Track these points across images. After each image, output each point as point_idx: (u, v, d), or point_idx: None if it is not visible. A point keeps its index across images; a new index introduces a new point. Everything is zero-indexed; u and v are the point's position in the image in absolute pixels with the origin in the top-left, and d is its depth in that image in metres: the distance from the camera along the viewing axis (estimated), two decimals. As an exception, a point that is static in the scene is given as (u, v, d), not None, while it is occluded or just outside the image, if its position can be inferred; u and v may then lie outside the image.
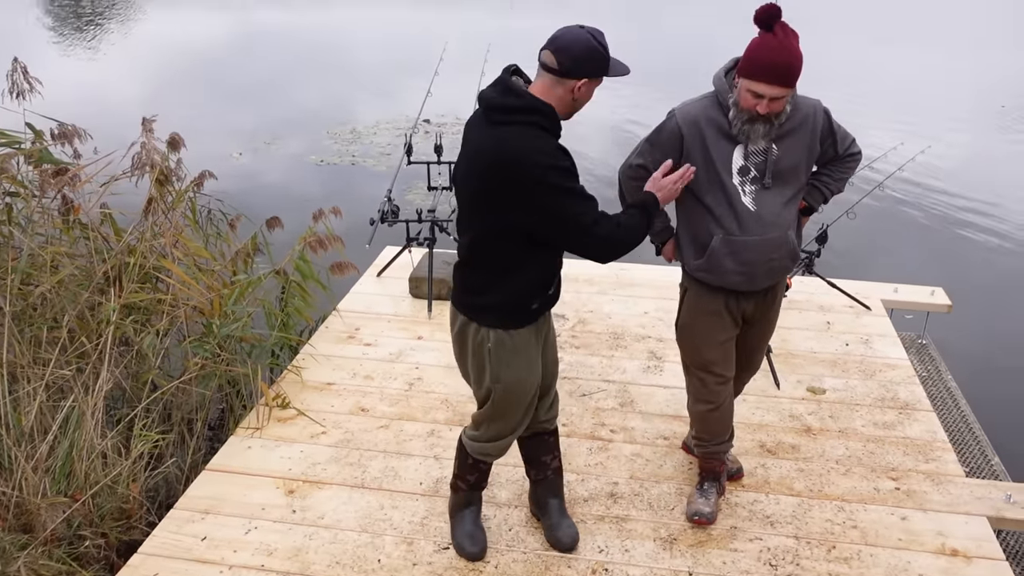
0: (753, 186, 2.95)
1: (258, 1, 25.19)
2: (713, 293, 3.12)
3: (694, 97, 3.01)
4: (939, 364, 5.22)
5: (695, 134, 2.93)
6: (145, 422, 3.67)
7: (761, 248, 2.98)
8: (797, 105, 2.93)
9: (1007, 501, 3.50)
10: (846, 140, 3.08)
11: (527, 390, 2.88)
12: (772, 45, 2.74)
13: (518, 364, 2.82)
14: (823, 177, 3.15)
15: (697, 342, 3.22)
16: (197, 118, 10.93)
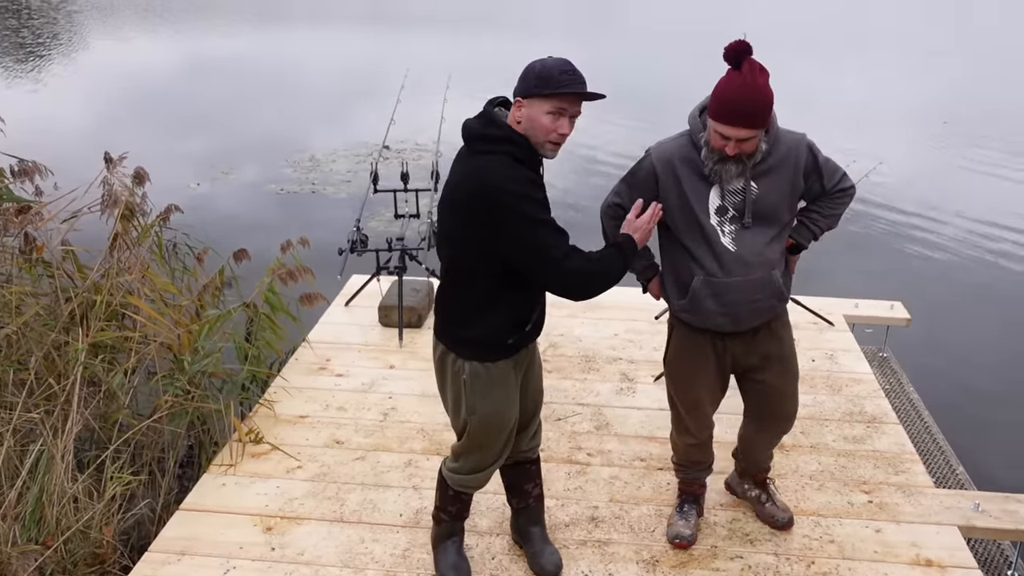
0: (733, 226, 2.88)
1: (204, 30, 24.99)
2: (698, 333, 3.06)
3: (671, 136, 2.97)
4: (900, 376, 5.34)
5: (669, 173, 2.89)
6: (117, 463, 3.60)
7: (744, 289, 2.90)
8: (779, 140, 2.87)
9: (975, 510, 3.58)
10: (835, 175, 2.98)
11: (504, 422, 2.87)
12: (737, 86, 2.67)
13: (495, 396, 2.81)
14: (812, 214, 3.06)
15: (682, 380, 3.20)
16: (150, 149, 10.79)
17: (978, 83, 18.27)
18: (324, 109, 14.51)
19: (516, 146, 2.59)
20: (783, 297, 3.01)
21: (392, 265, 5.22)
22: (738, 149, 2.75)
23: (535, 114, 2.54)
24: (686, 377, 3.18)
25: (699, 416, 3.24)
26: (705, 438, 3.32)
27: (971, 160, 11.85)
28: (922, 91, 17.26)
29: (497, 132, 2.59)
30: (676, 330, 3.17)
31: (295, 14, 29.45)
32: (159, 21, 26.74)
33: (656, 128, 13.24)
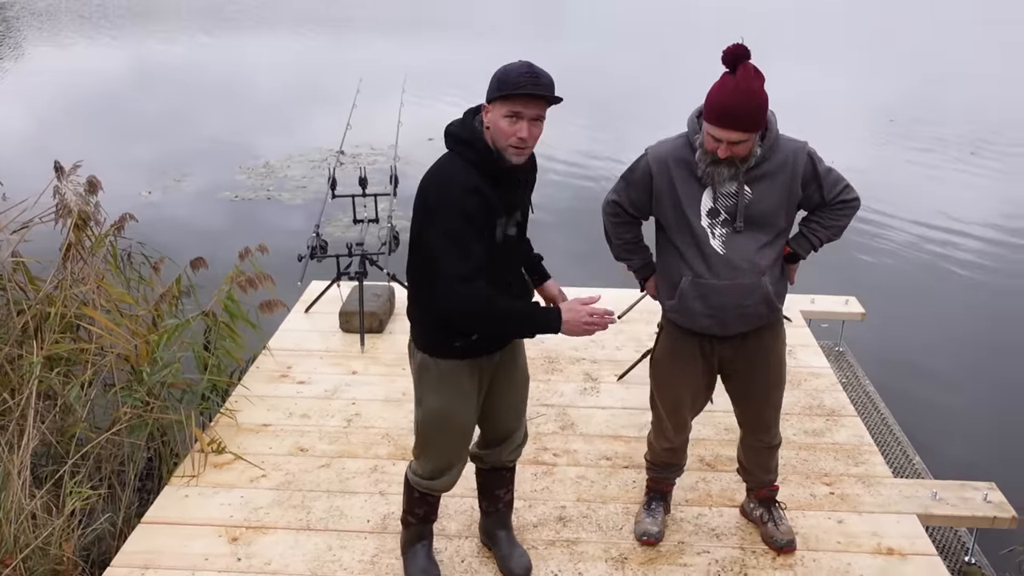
0: (724, 229, 2.86)
1: (144, 35, 24.58)
2: (687, 335, 3.05)
3: (670, 136, 2.97)
4: (856, 370, 5.45)
5: (664, 173, 2.90)
6: (76, 478, 3.53)
7: (731, 293, 2.88)
8: (778, 146, 2.85)
9: (933, 498, 3.67)
10: (836, 186, 2.92)
11: (449, 424, 2.83)
12: (730, 89, 2.67)
13: (442, 393, 2.79)
14: (811, 224, 3.01)
15: (666, 380, 3.20)
16: (97, 157, 10.57)
17: (924, 83, 18.70)
18: (276, 115, 14.38)
19: (471, 149, 2.57)
20: (773, 306, 2.95)
21: (352, 270, 5.19)
22: (730, 152, 2.74)
23: (496, 118, 2.52)
24: (670, 378, 3.18)
25: (678, 419, 3.24)
26: (680, 443, 3.33)
27: (918, 157, 12.13)
28: (869, 89, 17.64)
29: (460, 133, 2.59)
30: (665, 331, 3.17)
31: (239, 19, 29.14)
32: (98, 27, 26.26)
33: (609, 129, 13.38)
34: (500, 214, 2.61)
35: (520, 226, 2.76)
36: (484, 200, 2.55)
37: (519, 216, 2.73)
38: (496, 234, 2.61)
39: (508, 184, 2.62)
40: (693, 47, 23.19)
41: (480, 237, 2.55)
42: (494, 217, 2.60)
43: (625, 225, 3.12)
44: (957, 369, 6.08)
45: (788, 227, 2.97)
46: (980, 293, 7.53)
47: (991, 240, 8.92)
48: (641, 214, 3.07)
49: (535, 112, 2.52)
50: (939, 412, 5.43)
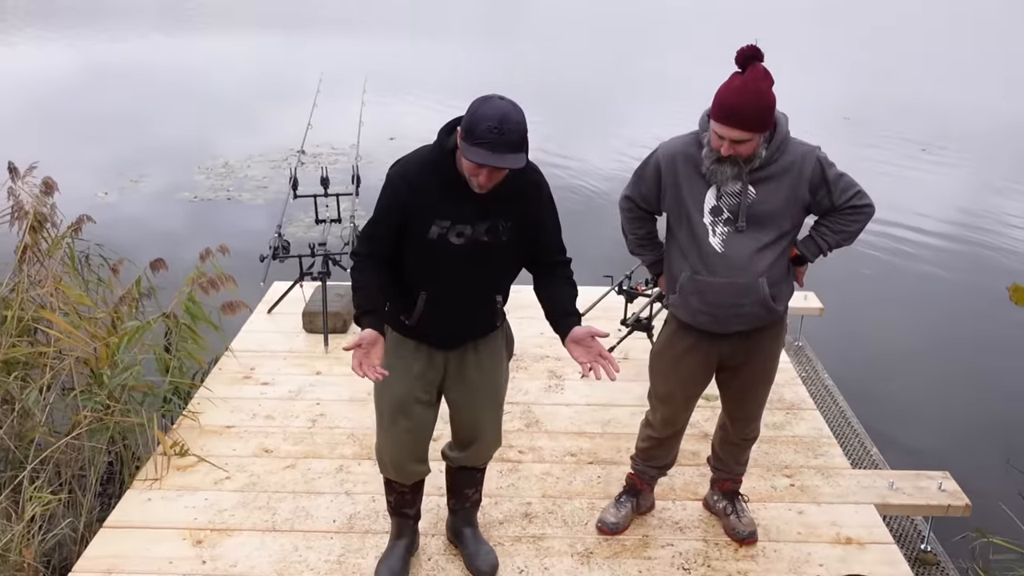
0: (726, 228, 2.87)
1: (94, 34, 24.14)
2: (687, 330, 3.07)
3: (682, 133, 2.98)
4: (815, 364, 5.55)
5: (671, 170, 2.92)
6: (36, 483, 3.48)
7: (727, 291, 2.89)
8: (787, 149, 2.85)
9: (890, 488, 3.76)
10: (847, 191, 2.89)
11: (386, 392, 2.86)
12: (736, 87, 2.69)
13: (387, 360, 2.80)
14: (821, 228, 3.00)
15: (662, 372, 3.23)
16: (51, 158, 10.41)
17: (878, 81, 19.05)
18: (234, 114, 14.23)
19: (439, 145, 2.60)
20: (770, 307, 2.95)
21: (315, 271, 5.16)
22: (733, 150, 2.74)
23: (462, 153, 2.49)
24: (666, 368, 3.21)
25: (668, 411, 3.27)
26: (666, 435, 3.35)
27: (873, 155, 12.37)
28: (823, 87, 17.92)
29: (441, 136, 2.60)
30: (668, 323, 3.20)
31: (194, 17, 28.76)
32: (47, 24, 25.72)
33: (568, 128, 13.45)
34: (441, 216, 2.61)
35: (481, 245, 2.67)
36: (417, 195, 2.60)
37: (473, 231, 2.65)
38: (430, 231, 2.62)
39: (463, 195, 2.59)
40: (652, 46, 23.38)
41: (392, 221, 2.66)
42: (431, 216, 2.61)
43: (638, 220, 3.14)
44: (913, 363, 6.21)
45: (793, 230, 2.96)
46: (935, 288, 7.71)
47: (945, 235, 9.13)
48: (653, 209, 3.10)
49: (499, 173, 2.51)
50: (895, 404, 5.55)
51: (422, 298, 2.74)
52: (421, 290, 2.74)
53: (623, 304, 4.93)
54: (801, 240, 3.04)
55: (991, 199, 10.55)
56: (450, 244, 2.65)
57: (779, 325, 3.14)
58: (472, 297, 2.78)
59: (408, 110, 14.04)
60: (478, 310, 2.82)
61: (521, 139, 2.46)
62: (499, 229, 2.67)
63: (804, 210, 2.95)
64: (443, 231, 2.63)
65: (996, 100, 17.34)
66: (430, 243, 2.65)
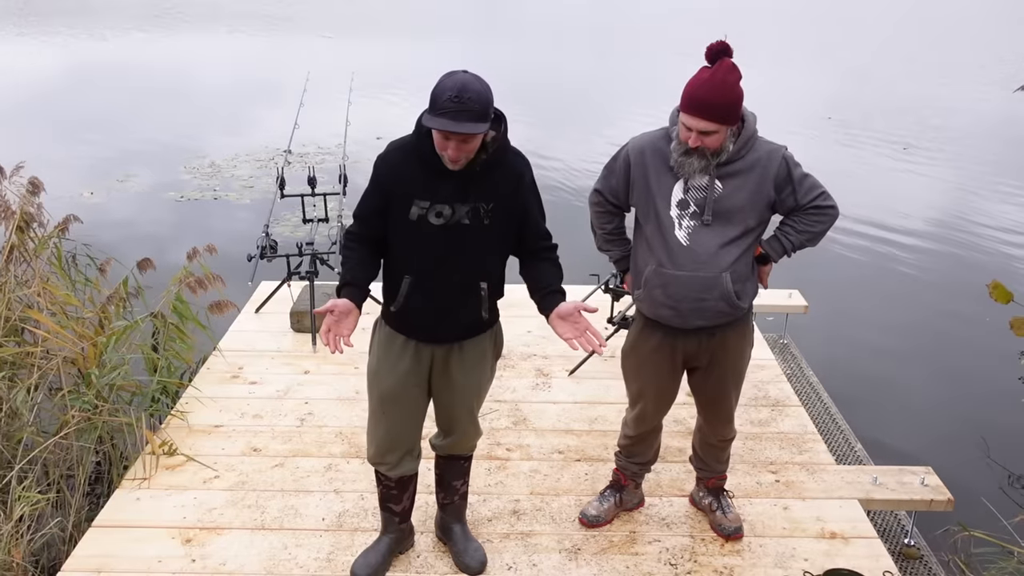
0: (692, 221, 2.91)
1: (77, 33, 23.96)
2: (652, 327, 3.10)
3: (653, 129, 3.02)
4: (800, 361, 5.60)
5: (640, 163, 2.97)
6: (24, 483, 3.48)
7: (690, 284, 2.92)
8: (754, 146, 2.90)
9: (874, 483, 3.80)
10: (811, 192, 2.95)
11: (377, 386, 2.93)
12: (704, 79, 2.75)
13: (377, 354, 2.93)
14: (785, 227, 3.04)
15: (630, 371, 3.27)
16: (36, 158, 10.37)
17: (859, 81, 19.17)
18: (220, 114, 14.19)
19: (416, 135, 2.70)
20: (733, 303, 2.97)
21: (303, 270, 5.17)
22: (700, 142, 2.79)
23: (425, 124, 2.59)
24: (634, 368, 3.25)
25: (640, 410, 3.30)
26: (640, 433, 3.38)
27: (856, 154, 12.47)
28: (805, 88, 18.04)
29: (419, 120, 2.67)
30: (635, 322, 3.23)
31: (180, 17, 28.62)
32: (29, 25, 25.52)
33: (554, 126, 13.47)
34: (420, 196, 2.69)
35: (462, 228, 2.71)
36: (397, 177, 2.70)
37: (453, 213, 2.70)
38: (410, 212, 2.70)
39: (441, 174, 2.67)
40: (639, 45, 23.44)
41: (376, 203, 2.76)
42: (411, 196, 2.70)
43: (607, 215, 3.17)
44: (896, 360, 6.28)
45: (759, 227, 2.99)
46: (917, 286, 7.78)
47: (927, 234, 9.21)
48: (622, 204, 3.13)
49: (460, 136, 2.55)
50: (879, 401, 5.60)
51: (406, 282, 2.78)
52: (405, 274, 2.78)
53: (609, 302, 4.96)
54: (766, 239, 3.07)
55: (972, 198, 10.66)
56: (430, 225, 2.71)
57: (744, 325, 3.16)
58: (455, 282, 2.80)
59: (395, 109, 14.04)
60: (462, 298, 2.83)
61: (483, 109, 2.53)
62: (480, 212, 2.72)
63: (769, 208, 2.99)
64: (423, 211, 2.70)
65: (976, 99, 17.50)
66: (411, 225, 2.71)
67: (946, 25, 31.65)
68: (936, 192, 10.89)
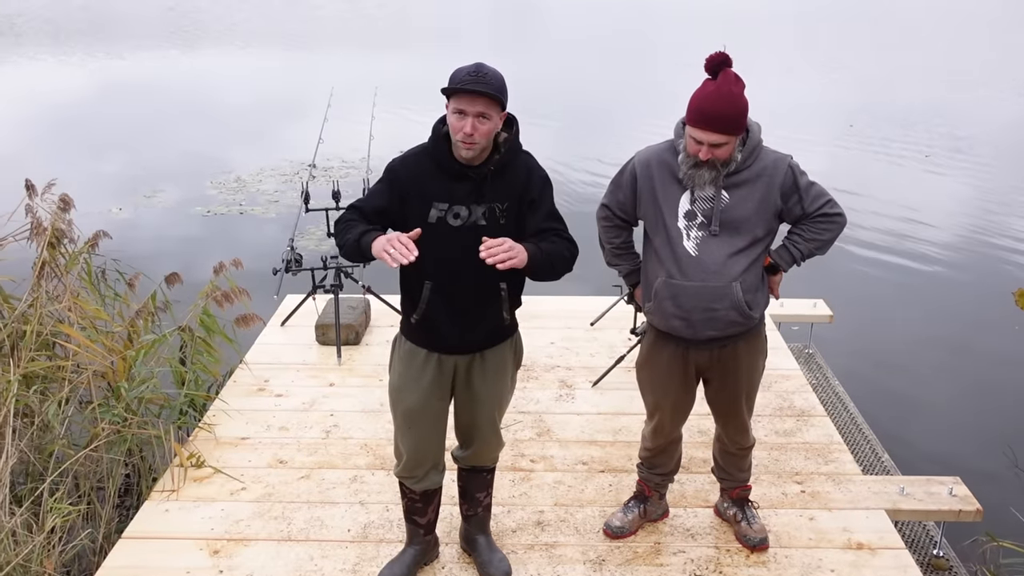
0: (700, 232, 2.92)
1: (108, 52, 24.30)
2: (664, 339, 3.11)
3: (659, 142, 3.05)
4: (826, 371, 5.57)
5: (647, 176, 2.99)
6: (55, 495, 3.53)
7: (700, 295, 2.93)
8: (759, 155, 2.92)
9: (901, 494, 3.77)
10: (818, 200, 2.96)
11: (400, 404, 2.95)
12: (710, 92, 2.77)
13: (399, 371, 2.96)
14: (793, 236, 3.05)
15: (645, 384, 3.29)
16: (66, 174, 10.51)
17: (879, 89, 19.04)
18: (245, 129, 14.34)
19: (433, 139, 2.77)
20: (745, 313, 2.97)
21: (328, 283, 5.22)
22: (711, 154, 2.81)
23: (448, 114, 2.69)
24: (648, 381, 3.27)
25: (657, 423, 3.31)
26: (658, 445, 3.39)
27: (878, 161, 12.38)
28: (824, 96, 17.95)
29: (435, 126, 2.78)
30: (647, 334, 3.24)
31: (204, 35, 28.97)
32: (58, 46, 25.93)
33: (580, 137, 13.50)
34: (439, 199, 2.74)
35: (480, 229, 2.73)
36: (415, 180, 2.76)
37: (470, 214, 2.74)
38: (430, 215, 2.74)
39: (456, 175, 2.73)
40: (668, 56, 23.45)
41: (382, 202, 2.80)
42: (429, 199, 2.74)
43: (615, 229, 3.19)
44: (923, 368, 6.22)
45: (767, 237, 3.00)
46: (944, 294, 7.70)
47: (953, 242, 9.12)
48: (629, 218, 3.14)
49: (478, 109, 2.62)
50: (905, 411, 5.55)
51: (427, 287, 2.80)
52: (425, 279, 2.80)
53: (632, 313, 4.96)
54: (774, 249, 3.08)
55: (998, 205, 10.54)
56: (448, 227, 2.74)
57: (756, 335, 3.15)
58: (476, 284, 2.81)
59: (418, 123, 14.12)
60: (483, 300, 2.84)
61: (499, 85, 2.64)
62: (496, 212, 2.76)
63: (777, 217, 2.99)
64: (442, 214, 2.74)
65: (998, 105, 17.33)
66: (431, 228, 2.74)
67: (967, 32, 31.38)
68: (961, 199, 10.79)
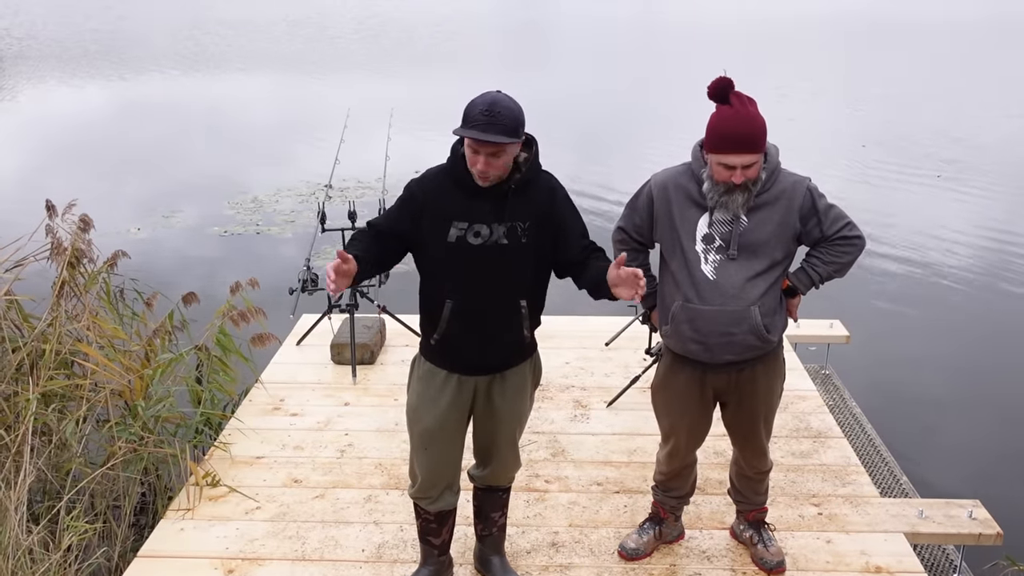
0: (718, 255, 2.91)
1: (125, 75, 24.59)
2: (680, 362, 3.09)
3: (675, 165, 3.06)
4: (843, 392, 5.53)
5: (664, 199, 2.99)
6: (72, 513, 3.55)
7: (718, 319, 2.91)
8: (778, 179, 2.92)
9: (920, 517, 3.73)
10: (837, 222, 2.95)
11: (418, 425, 2.95)
12: (730, 116, 2.77)
13: (417, 391, 2.95)
14: (812, 259, 3.03)
15: (661, 407, 3.27)
16: (84, 195, 10.64)
17: (889, 110, 19.01)
18: (262, 150, 14.46)
19: (452, 160, 2.78)
20: (763, 337, 2.95)
21: (343, 303, 5.24)
22: (744, 177, 2.80)
23: (464, 146, 2.70)
24: (664, 404, 3.25)
25: (673, 446, 3.29)
26: (673, 469, 3.37)
27: (892, 182, 12.34)
28: (837, 117, 17.95)
29: (454, 146, 2.78)
30: (663, 357, 3.22)
31: (221, 58, 29.28)
32: (77, 66, 26.27)
33: (598, 158, 13.54)
34: (459, 218, 2.74)
35: (501, 247, 2.75)
36: (434, 200, 2.76)
37: (491, 233, 2.75)
38: (449, 234, 2.75)
39: (475, 194, 2.74)
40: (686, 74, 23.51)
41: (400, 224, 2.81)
42: (449, 218, 2.75)
43: (631, 252, 3.16)
44: (942, 389, 6.17)
45: (785, 260, 2.99)
46: (960, 315, 7.65)
47: (970, 263, 9.06)
48: (646, 240, 3.14)
49: (491, 149, 2.62)
50: (924, 432, 5.51)
51: (447, 307, 2.80)
52: (446, 299, 2.80)
53: (647, 333, 4.94)
54: (793, 272, 3.06)
55: (1015, 225, 10.48)
56: (469, 246, 2.75)
57: (775, 359, 3.13)
58: (496, 303, 2.82)
59: (433, 144, 14.22)
60: (504, 318, 2.84)
61: (513, 124, 2.63)
62: (518, 231, 2.77)
63: (795, 240, 2.98)
64: (461, 233, 2.74)
65: (1007, 125, 17.25)
66: (450, 247, 2.75)
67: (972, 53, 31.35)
68: (978, 219, 10.73)
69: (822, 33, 38.65)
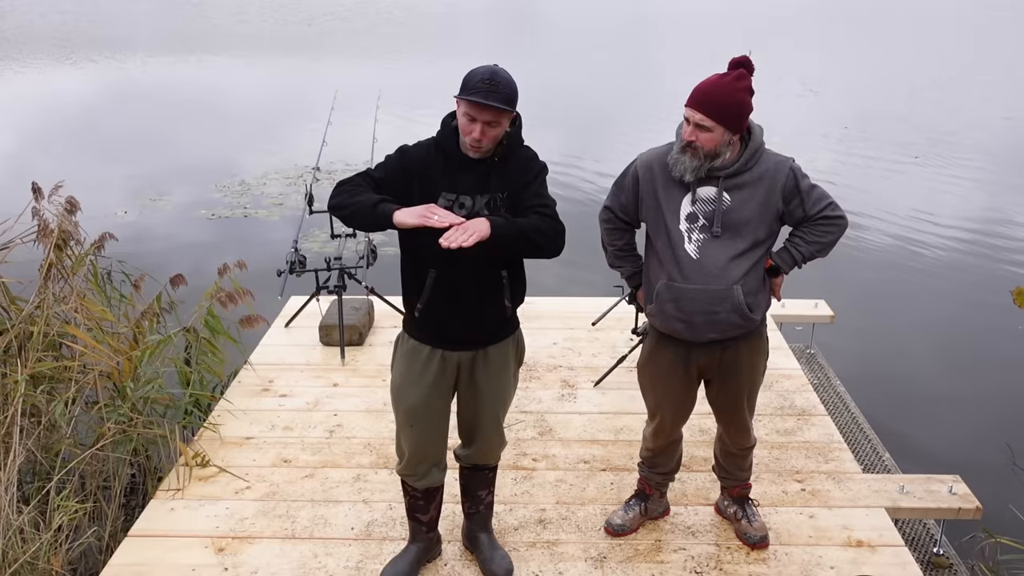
0: (701, 234, 2.93)
1: (113, 59, 24.39)
2: (665, 341, 3.13)
3: (661, 144, 3.08)
4: (827, 371, 5.59)
5: (649, 178, 3.01)
6: (62, 494, 3.57)
7: (701, 298, 2.94)
8: (761, 158, 2.94)
9: (901, 492, 3.79)
10: (820, 202, 2.96)
11: (402, 402, 2.98)
12: (711, 79, 2.84)
13: (400, 369, 2.98)
14: (795, 238, 3.05)
15: (647, 385, 3.32)
16: (71, 178, 10.59)
17: (874, 91, 19.06)
18: (250, 133, 14.40)
19: (442, 132, 2.82)
20: (746, 315, 2.98)
21: (331, 284, 5.25)
22: (694, 136, 2.84)
23: (459, 114, 2.74)
24: (650, 382, 3.29)
25: (658, 424, 3.33)
26: (659, 446, 3.42)
27: (875, 163, 12.40)
28: (822, 98, 17.99)
29: (444, 120, 2.83)
30: (648, 336, 3.26)
31: (208, 41, 29.06)
32: (68, 49, 26.05)
33: (584, 140, 13.54)
34: (447, 189, 2.79)
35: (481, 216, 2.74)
36: (425, 168, 2.80)
37: (474, 204, 2.78)
38: (437, 203, 2.77)
39: (463, 167, 2.78)
40: (673, 58, 23.48)
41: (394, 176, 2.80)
42: (437, 189, 2.79)
43: (617, 232, 3.21)
44: (924, 367, 6.24)
45: (768, 239, 3.02)
46: (943, 294, 7.72)
47: (954, 242, 9.13)
48: (631, 220, 3.16)
49: (487, 117, 2.67)
50: (905, 410, 5.57)
51: (431, 276, 2.83)
52: (430, 268, 2.83)
53: (634, 313, 4.99)
54: (776, 251, 3.08)
55: (997, 205, 10.56)
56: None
57: (758, 338, 3.17)
58: (478, 273, 2.84)
59: (421, 127, 14.17)
60: (485, 288, 2.87)
61: (511, 94, 2.68)
62: (496, 202, 2.81)
63: (778, 220, 3.01)
64: (448, 204, 2.78)
65: (987, 106, 17.33)
66: None
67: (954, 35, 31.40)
68: (963, 199, 10.81)
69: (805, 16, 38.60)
